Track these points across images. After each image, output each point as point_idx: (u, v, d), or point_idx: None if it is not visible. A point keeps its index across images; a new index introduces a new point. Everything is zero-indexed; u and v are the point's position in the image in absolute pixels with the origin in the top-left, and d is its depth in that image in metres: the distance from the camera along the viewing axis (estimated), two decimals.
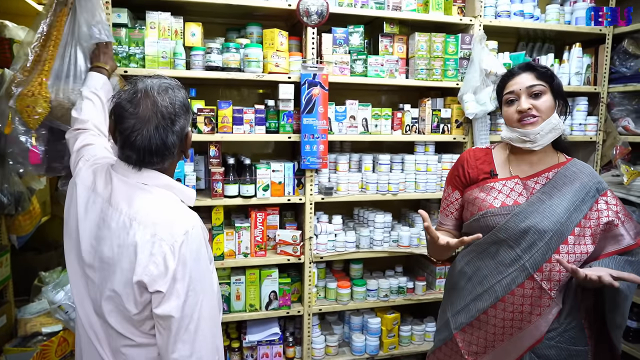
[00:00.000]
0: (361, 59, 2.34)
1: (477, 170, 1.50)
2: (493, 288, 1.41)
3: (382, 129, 2.43)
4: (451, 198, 1.56)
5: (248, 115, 2.21)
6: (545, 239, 1.35)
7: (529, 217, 1.37)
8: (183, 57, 2.11)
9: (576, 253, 1.37)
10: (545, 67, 1.44)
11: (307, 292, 2.39)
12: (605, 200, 1.40)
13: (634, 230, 1.40)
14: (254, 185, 2.25)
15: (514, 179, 1.44)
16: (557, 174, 1.43)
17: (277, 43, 2.21)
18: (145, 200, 1.12)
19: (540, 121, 1.39)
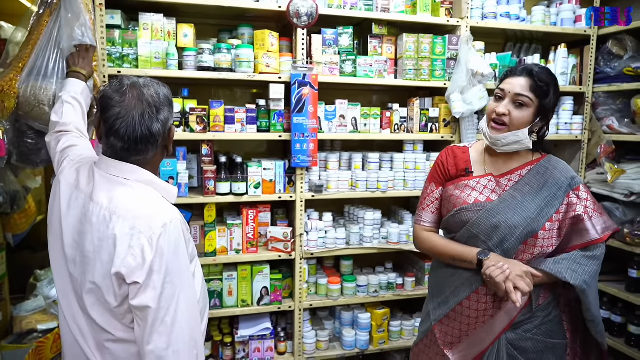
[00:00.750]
0: (350, 60, 2.40)
1: (455, 168, 1.54)
2: (469, 280, 1.46)
3: (372, 127, 2.48)
4: (435, 195, 1.59)
5: (239, 115, 2.26)
6: (516, 234, 1.39)
7: (500, 213, 1.41)
8: (175, 57, 2.16)
9: (543, 247, 1.41)
10: (545, 82, 1.40)
11: (298, 288, 2.44)
12: (577, 195, 1.44)
13: (601, 225, 1.42)
14: (245, 183, 2.30)
15: (487, 177, 1.49)
16: (530, 171, 1.47)
17: (268, 44, 2.26)
18: (126, 194, 1.13)
19: (505, 130, 1.42)
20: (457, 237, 1.52)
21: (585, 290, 1.36)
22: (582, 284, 1.36)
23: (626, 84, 2.64)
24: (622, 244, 2.60)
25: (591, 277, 1.38)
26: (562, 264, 1.38)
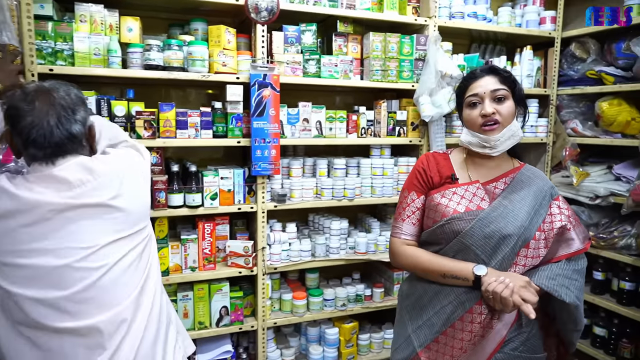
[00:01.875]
0: (314, 59, 2.23)
1: (438, 175, 1.46)
2: (460, 299, 1.36)
3: (337, 132, 2.33)
4: (416, 204, 1.47)
5: (193, 119, 2.05)
6: (511, 243, 1.33)
7: (493, 222, 1.34)
8: (119, 54, 1.92)
9: (534, 257, 1.36)
10: (508, 72, 1.42)
11: (261, 306, 2.26)
12: (557, 205, 1.41)
13: (582, 235, 1.41)
14: (200, 194, 2.09)
15: (475, 184, 1.41)
16: (514, 179, 1.42)
17: (224, 41, 2.06)
18: None
19: (501, 128, 1.37)
20: (444, 249, 1.40)
21: (578, 305, 1.35)
22: (575, 300, 1.33)
23: (590, 87, 2.63)
24: None
25: (580, 291, 1.37)
26: (557, 280, 1.33)
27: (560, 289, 1.32)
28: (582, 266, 1.40)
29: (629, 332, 2.44)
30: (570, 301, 1.32)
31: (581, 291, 1.37)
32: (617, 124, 2.49)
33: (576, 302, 1.33)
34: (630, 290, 2.43)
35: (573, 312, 1.38)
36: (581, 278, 1.39)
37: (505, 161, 1.46)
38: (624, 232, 2.45)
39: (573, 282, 1.35)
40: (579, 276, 1.38)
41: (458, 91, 1.47)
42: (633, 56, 2.46)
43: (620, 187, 2.45)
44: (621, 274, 2.48)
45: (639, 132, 2.46)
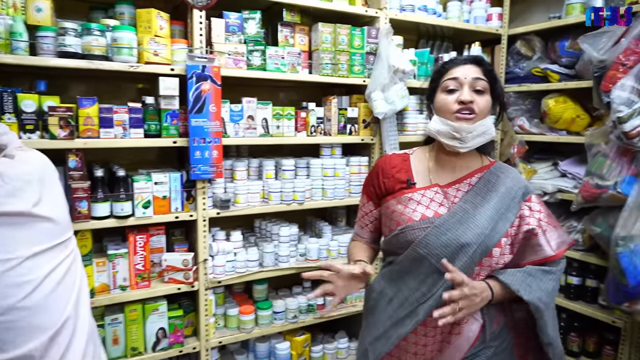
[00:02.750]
0: (259, 50, 2.03)
1: (393, 179, 1.32)
2: (415, 311, 1.23)
3: (285, 130, 2.15)
4: (365, 209, 1.40)
5: (120, 116, 1.78)
6: (469, 252, 1.20)
7: (451, 229, 1.21)
8: (25, 38, 1.61)
9: (498, 264, 1.23)
10: (492, 66, 1.31)
11: (204, 324, 2.02)
12: (529, 206, 1.28)
13: (556, 240, 1.27)
14: (131, 202, 1.82)
15: (433, 188, 1.28)
16: (480, 179, 1.28)
17: (156, 27, 1.80)
18: None
19: (476, 119, 1.23)
20: (399, 259, 1.28)
21: (539, 307, 1.20)
22: (537, 300, 1.20)
23: (535, 85, 2.64)
24: None
25: (547, 294, 1.22)
26: (517, 276, 1.21)
27: (520, 284, 1.20)
28: (555, 269, 1.26)
29: (577, 326, 2.47)
30: (530, 300, 1.19)
31: (548, 295, 1.22)
32: (562, 121, 2.50)
33: (537, 304, 1.20)
34: (577, 285, 2.45)
35: (537, 318, 1.23)
36: (550, 281, 1.24)
37: (473, 160, 1.32)
38: (570, 228, 2.47)
39: (537, 281, 1.22)
40: (547, 278, 1.24)
41: (434, 75, 1.32)
42: (576, 54, 2.49)
43: (567, 183, 2.47)
44: (569, 269, 2.50)
45: (583, 129, 2.49)
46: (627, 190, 2.01)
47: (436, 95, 1.29)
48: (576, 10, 2.46)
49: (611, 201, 2.08)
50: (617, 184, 2.04)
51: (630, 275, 1.87)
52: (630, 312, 1.93)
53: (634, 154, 2.04)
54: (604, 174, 2.09)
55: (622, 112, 1.94)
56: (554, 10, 2.76)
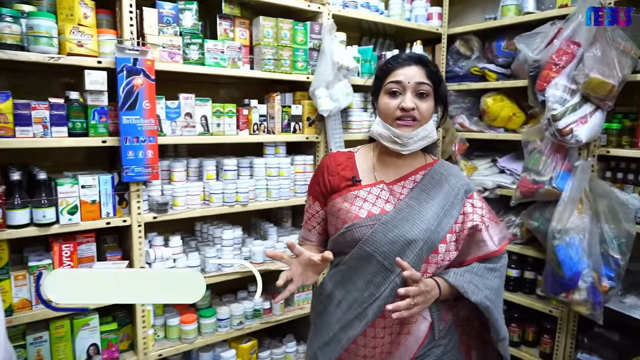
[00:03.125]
0: (196, 44, 1.91)
1: (338, 177, 1.29)
2: (365, 312, 1.21)
3: (226, 128, 2.04)
4: (312, 210, 1.35)
5: (39, 112, 1.60)
6: (416, 249, 1.19)
7: (398, 225, 1.20)
8: None
9: (444, 260, 1.23)
10: (436, 67, 1.26)
11: (142, 337, 1.88)
12: (471, 203, 1.29)
13: (498, 236, 1.29)
14: (54, 208, 1.65)
15: (379, 185, 1.27)
16: (425, 176, 1.28)
17: (79, 14, 1.64)
18: None
19: (417, 125, 1.22)
20: (346, 259, 1.25)
21: (488, 306, 1.21)
22: (484, 299, 1.21)
23: (475, 83, 2.71)
24: None
25: (493, 292, 1.24)
26: (465, 277, 1.22)
27: (467, 285, 1.21)
28: (496, 265, 1.27)
29: (516, 317, 2.56)
30: (477, 301, 1.20)
31: (495, 292, 1.24)
32: (500, 119, 2.58)
33: (485, 303, 1.21)
34: (516, 278, 2.54)
35: (487, 316, 1.25)
36: (495, 278, 1.26)
37: (417, 158, 1.32)
38: (509, 222, 2.55)
39: (484, 280, 1.23)
40: (493, 276, 1.25)
41: (378, 73, 1.29)
42: (512, 54, 2.58)
43: (505, 179, 2.56)
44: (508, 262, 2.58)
45: (519, 126, 2.59)
46: (562, 185, 2.10)
47: (379, 96, 1.27)
48: (511, 12, 2.54)
49: (547, 196, 2.16)
50: (552, 179, 2.13)
51: (566, 267, 1.95)
52: (567, 302, 2.01)
53: (567, 150, 2.14)
54: (540, 170, 2.17)
55: (556, 110, 2.01)
56: (490, 11, 2.84)
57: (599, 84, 1.94)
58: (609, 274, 1.98)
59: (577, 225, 2.00)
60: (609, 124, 2.11)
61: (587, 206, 2.03)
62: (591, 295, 1.94)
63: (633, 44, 1.96)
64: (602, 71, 1.94)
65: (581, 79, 1.99)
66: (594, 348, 2.18)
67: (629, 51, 1.96)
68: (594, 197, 2.05)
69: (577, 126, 2.00)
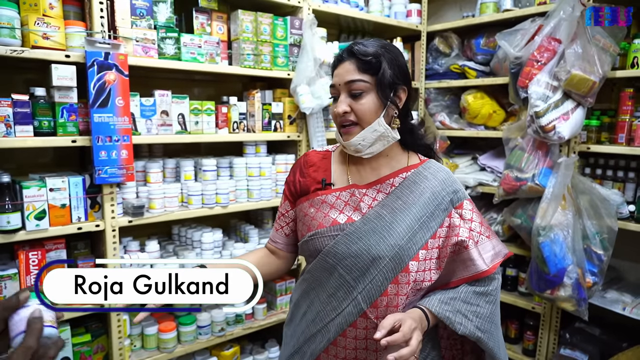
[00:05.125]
0: (172, 38, 1.82)
1: (310, 179, 1.17)
2: (327, 327, 1.10)
3: (205, 126, 1.95)
4: (282, 209, 1.24)
5: (2, 110, 1.48)
6: (380, 266, 1.04)
7: (363, 238, 1.06)
8: None
9: (417, 281, 1.07)
10: (370, 54, 1.05)
11: (117, 348, 1.78)
12: (459, 214, 1.12)
13: (490, 252, 1.12)
14: (20, 213, 1.53)
15: (349, 190, 1.13)
16: (405, 179, 1.12)
17: (44, 5, 1.53)
18: None
19: (358, 129, 1.06)
20: (310, 268, 1.15)
21: (480, 338, 1.07)
22: (475, 331, 1.07)
23: (455, 81, 2.70)
24: None
25: (486, 320, 1.09)
26: (451, 305, 1.07)
27: (454, 315, 1.06)
28: (488, 289, 1.11)
29: None
30: (467, 333, 1.06)
31: (488, 320, 1.09)
32: (480, 116, 2.58)
33: (476, 334, 1.07)
34: None
35: (483, 347, 1.10)
36: (487, 304, 1.10)
37: (397, 158, 1.14)
38: (491, 220, 2.56)
39: (473, 307, 1.08)
40: (484, 301, 1.10)
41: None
42: (490, 52, 2.58)
43: (487, 177, 2.55)
44: None
45: (499, 124, 2.59)
46: (544, 182, 2.10)
47: None
48: (490, 9, 2.55)
49: (530, 193, 2.16)
50: (535, 176, 2.13)
51: (551, 264, 1.95)
52: (552, 298, 2.01)
53: (549, 147, 2.15)
54: (523, 167, 2.17)
55: (539, 107, 2.01)
56: (467, 8, 2.85)
57: (580, 81, 1.95)
58: (592, 270, 2.00)
59: (561, 222, 2.01)
60: (589, 120, 2.13)
61: (569, 202, 2.04)
62: (576, 292, 1.95)
63: (612, 40, 1.98)
64: (583, 67, 1.95)
65: (563, 76, 1.99)
66: (575, 343, 2.20)
67: (608, 48, 1.98)
68: (576, 193, 2.06)
69: (559, 123, 2.01)
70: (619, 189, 2.09)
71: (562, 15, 2.02)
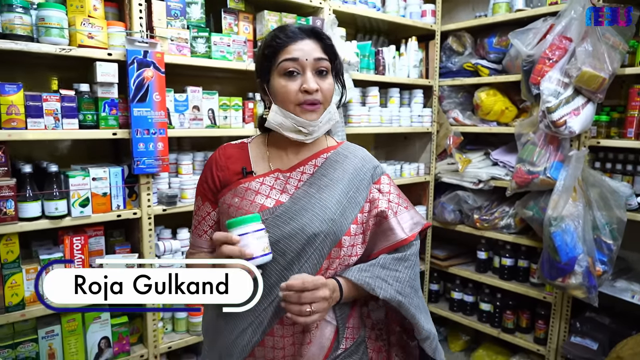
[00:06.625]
0: (203, 37, 1.93)
1: (228, 171, 1.11)
2: (259, 319, 1.04)
3: (233, 121, 2.06)
4: (202, 212, 1.14)
5: (51, 104, 1.59)
6: (316, 243, 1.02)
7: (295, 217, 1.04)
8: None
9: (346, 256, 1.07)
10: (331, 40, 1.08)
11: (152, 330, 1.89)
12: (378, 188, 1.14)
13: (409, 222, 1.14)
14: (66, 201, 1.64)
15: (273, 174, 1.10)
16: (327, 159, 1.12)
17: (89, 6, 1.64)
18: None
19: (322, 109, 1.05)
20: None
21: (401, 302, 1.05)
22: (396, 294, 1.05)
23: (468, 79, 2.79)
24: (473, 229, 2.75)
25: (406, 284, 1.08)
26: (369, 271, 1.06)
27: (374, 281, 1.04)
28: (408, 254, 1.11)
29: (511, 304, 2.65)
30: (388, 297, 1.03)
31: (408, 284, 1.08)
32: (493, 112, 2.67)
33: (396, 298, 1.04)
34: (510, 266, 2.64)
35: (404, 313, 1.07)
36: (406, 269, 1.09)
37: (318, 141, 1.14)
38: (503, 213, 2.64)
39: (392, 272, 1.07)
40: (403, 267, 1.09)
41: (267, 51, 1.06)
42: (503, 50, 2.67)
43: (499, 171, 2.64)
44: (502, 252, 2.68)
45: (511, 120, 2.68)
46: (555, 175, 2.19)
47: (272, 79, 1.05)
48: (502, 9, 2.63)
49: (541, 186, 2.25)
50: (547, 169, 2.22)
51: (563, 252, 2.04)
52: (563, 286, 2.10)
53: (560, 141, 2.23)
54: (535, 161, 2.26)
55: (551, 103, 2.10)
56: (479, 8, 2.94)
57: (590, 77, 2.04)
58: (602, 259, 2.09)
59: (572, 213, 2.09)
60: (598, 116, 2.22)
61: (580, 194, 2.13)
62: (586, 279, 2.03)
63: (621, 39, 2.06)
64: (593, 65, 2.04)
65: (574, 73, 2.08)
66: (586, 331, 2.28)
67: (617, 46, 2.07)
68: (586, 185, 2.15)
69: (570, 118, 2.09)
70: (628, 181, 2.18)
71: (573, 15, 2.11)
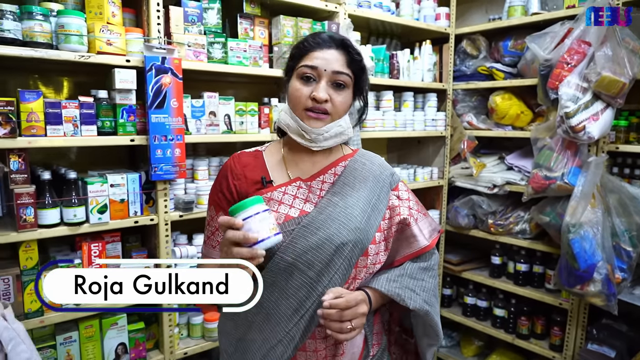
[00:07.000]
0: (220, 43, 1.92)
1: (246, 180, 1.09)
2: (289, 334, 1.03)
3: (249, 126, 2.06)
4: (215, 223, 1.10)
5: (70, 111, 1.59)
6: (345, 253, 1.02)
7: (322, 227, 1.02)
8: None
9: (372, 264, 1.08)
10: (360, 55, 1.08)
11: (168, 335, 1.89)
12: (397, 195, 1.15)
13: (428, 229, 1.18)
14: (84, 207, 1.65)
15: (295, 183, 1.09)
16: (346, 167, 1.12)
17: (108, 13, 1.64)
18: None
19: (329, 120, 1.05)
20: (265, 271, 1.02)
21: (428, 311, 1.09)
22: (424, 305, 1.09)
23: (482, 82, 2.77)
24: (487, 234, 2.73)
25: (431, 293, 1.13)
26: (398, 282, 1.08)
27: (404, 292, 1.07)
28: (430, 264, 1.16)
29: (525, 310, 2.63)
30: (417, 307, 1.07)
31: (431, 293, 1.13)
32: (508, 117, 2.64)
33: (424, 308, 1.08)
34: (525, 272, 2.61)
35: (426, 321, 1.13)
36: (430, 278, 1.15)
37: (334, 150, 1.15)
38: (518, 218, 2.62)
39: (419, 282, 1.11)
40: (428, 276, 1.14)
41: (294, 52, 1.09)
42: (518, 54, 2.64)
43: (514, 176, 2.62)
44: (516, 257, 2.65)
45: (526, 124, 2.65)
46: (573, 180, 2.16)
47: (291, 77, 1.08)
48: (517, 12, 2.61)
49: (559, 191, 2.23)
50: (564, 175, 2.19)
51: (581, 259, 2.02)
52: (582, 294, 2.08)
53: (578, 146, 2.21)
54: (552, 166, 2.23)
55: (569, 108, 2.08)
56: (493, 11, 2.92)
57: (610, 82, 2.01)
58: (621, 266, 2.06)
59: (591, 219, 2.07)
60: (617, 121, 2.19)
61: (599, 201, 2.10)
62: (606, 287, 2.01)
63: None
64: (613, 69, 2.02)
65: (593, 77, 2.06)
66: (603, 339, 2.25)
67: (637, 50, 2.04)
68: (605, 191, 2.12)
69: (589, 123, 2.07)
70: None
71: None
